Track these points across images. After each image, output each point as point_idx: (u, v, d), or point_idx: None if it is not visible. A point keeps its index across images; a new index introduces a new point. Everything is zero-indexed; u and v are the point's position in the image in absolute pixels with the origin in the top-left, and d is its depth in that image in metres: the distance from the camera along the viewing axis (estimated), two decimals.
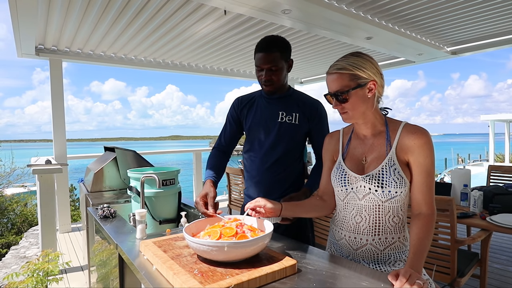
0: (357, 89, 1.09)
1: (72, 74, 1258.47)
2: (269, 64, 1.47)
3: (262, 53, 1.47)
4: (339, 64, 1.11)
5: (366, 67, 1.09)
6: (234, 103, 1.71)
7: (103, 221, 1.68)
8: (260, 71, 1.50)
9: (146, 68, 5.33)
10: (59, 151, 4.50)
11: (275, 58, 1.47)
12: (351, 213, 1.19)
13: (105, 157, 2.71)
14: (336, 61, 1.12)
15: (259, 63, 1.49)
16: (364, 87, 1.09)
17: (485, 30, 4.09)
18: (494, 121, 14.28)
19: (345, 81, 1.09)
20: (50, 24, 3.56)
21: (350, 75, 1.09)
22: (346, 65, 1.09)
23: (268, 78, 1.49)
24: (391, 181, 1.09)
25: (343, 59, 1.12)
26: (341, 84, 1.09)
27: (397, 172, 1.10)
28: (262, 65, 1.48)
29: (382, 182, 1.10)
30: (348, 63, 1.09)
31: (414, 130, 1.11)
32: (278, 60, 1.48)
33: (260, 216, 1.15)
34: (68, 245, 4.01)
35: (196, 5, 3.16)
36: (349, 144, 1.24)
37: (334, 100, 1.12)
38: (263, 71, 1.49)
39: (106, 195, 2.36)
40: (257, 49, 1.50)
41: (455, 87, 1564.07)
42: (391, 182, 1.09)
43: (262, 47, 1.48)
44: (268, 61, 1.47)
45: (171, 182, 1.93)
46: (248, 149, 1.65)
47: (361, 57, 1.10)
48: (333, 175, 1.24)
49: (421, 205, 1.11)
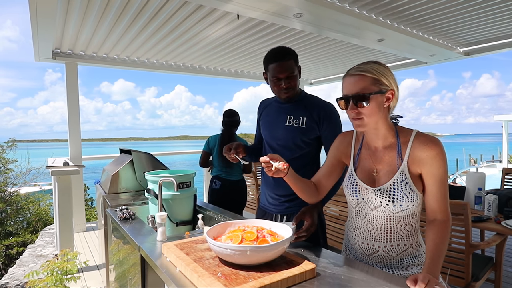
0: (377, 95, 1.07)
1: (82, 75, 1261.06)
2: (287, 72, 1.50)
3: (278, 63, 1.50)
4: (362, 67, 1.09)
5: (388, 74, 1.09)
6: (258, 107, 1.77)
7: (123, 223, 1.73)
8: (277, 81, 1.52)
9: (158, 70, 5.41)
10: (74, 152, 4.60)
11: (291, 65, 1.52)
12: (363, 221, 1.20)
13: (121, 159, 2.78)
14: (358, 65, 1.11)
15: (276, 73, 1.51)
16: (384, 95, 1.08)
17: (499, 30, 4.04)
18: (508, 121, 14.01)
19: (367, 84, 1.06)
20: (67, 29, 3.66)
21: (373, 79, 1.07)
22: (370, 69, 1.08)
23: (287, 86, 1.51)
24: (403, 196, 1.10)
25: (364, 64, 1.10)
26: (362, 86, 1.06)
27: (409, 186, 1.10)
28: (280, 74, 1.50)
29: (393, 197, 1.11)
30: (371, 67, 1.08)
31: (426, 141, 1.10)
32: (293, 67, 1.52)
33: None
34: (83, 244, 4.11)
35: (209, 9, 3.21)
36: (360, 154, 1.23)
37: (351, 103, 1.07)
38: (281, 81, 1.51)
39: (123, 197, 2.42)
40: (271, 60, 1.52)
41: (466, 86, 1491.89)
42: (402, 197, 1.10)
43: (277, 57, 1.51)
44: (286, 69, 1.50)
45: (188, 185, 1.98)
46: (263, 151, 1.70)
47: (382, 65, 1.10)
48: (345, 184, 1.25)
49: (436, 212, 1.12)
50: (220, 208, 2.06)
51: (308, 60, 5.39)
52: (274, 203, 1.61)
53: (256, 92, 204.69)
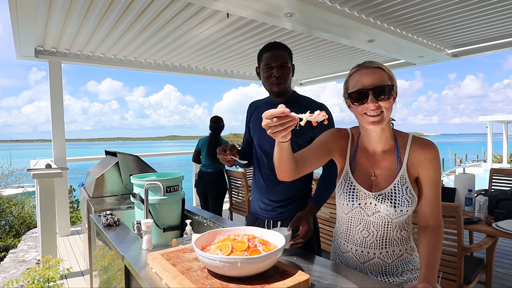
0: (393, 91, 1.02)
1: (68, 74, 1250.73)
2: (280, 60, 1.46)
3: (272, 51, 1.47)
4: (376, 62, 1.06)
5: (393, 73, 1.07)
6: (248, 108, 1.71)
7: (107, 229, 1.65)
8: (269, 69, 1.48)
9: (145, 70, 5.30)
10: (58, 153, 4.45)
11: (285, 56, 1.49)
12: (357, 228, 1.15)
13: (106, 162, 2.68)
14: (369, 61, 1.07)
15: (269, 61, 1.47)
16: (394, 93, 1.05)
17: (486, 32, 4.09)
18: (493, 122, 14.34)
19: (385, 78, 1.02)
20: (50, 26, 3.52)
21: (387, 74, 1.04)
22: (383, 65, 1.05)
23: (279, 74, 1.46)
24: (404, 200, 1.06)
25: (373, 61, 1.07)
26: (382, 79, 1.02)
27: (409, 190, 1.07)
28: (274, 62, 1.46)
29: (395, 202, 1.07)
30: (384, 66, 1.06)
31: (424, 144, 1.08)
32: (287, 59, 1.50)
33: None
34: (67, 249, 3.97)
35: (198, 8, 3.14)
36: (356, 156, 1.17)
37: (371, 96, 1.00)
38: (273, 69, 1.47)
39: (108, 201, 2.33)
40: (265, 49, 1.50)
41: (452, 87, 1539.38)
42: (403, 202, 1.06)
43: (272, 46, 1.49)
44: (279, 58, 1.47)
45: (175, 189, 1.91)
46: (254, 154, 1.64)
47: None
48: (339, 187, 1.18)
49: (429, 218, 1.10)
50: (210, 213, 2.00)
51: (299, 60, 5.37)
52: (266, 209, 1.55)
53: (246, 92, 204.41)
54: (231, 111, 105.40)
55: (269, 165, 1.50)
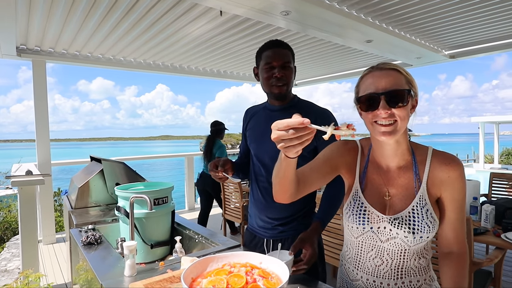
0: (410, 96, 0.88)
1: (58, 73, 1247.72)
2: (283, 59, 1.32)
3: (274, 49, 1.33)
4: (392, 64, 0.92)
5: (414, 79, 0.93)
6: (244, 116, 1.56)
7: (87, 248, 1.49)
8: (270, 69, 1.33)
9: (136, 69, 5.11)
10: (42, 157, 4.24)
11: (288, 55, 1.35)
12: (369, 254, 1.01)
13: (91, 169, 2.51)
14: (384, 62, 0.94)
15: (270, 59, 1.32)
16: (412, 101, 0.90)
17: (484, 34, 4.02)
18: (484, 123, 14.46)
19: (401, 81, 0.88)
20: (32, 24, 3.32)
21: (406, 78, 0.90)
22: (402, 68, 0.91)
23: (281, 75, 1.31)
24: (424, 225, 0.92)
25: (389, 63, 0.93)
26: (398, 82, 0.87)
27: (430, 213, 0.92)
28: (275, 61, 1.31)
29: (413, 227, 0.92)
30: (403, 68, 0.91)
31: (447, 160, 0.93)
32: (289, 58, 1.35)
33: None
34: (52, 258, 3.77)
35: (190, 5, 2.97)
36: (367, 172, 1.03)
37: (382, 102, 0.85)
38: (275, 69, 1.32)
39: (92, 212, 2.16)
40: (266, 47, 1.35)
41: (442, 88, 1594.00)
42: (424, 227, 0.92)
43: (273, 43, 1.35)
44: (281, 56, 1.32)
45: (164, 201, 1.75)
46: (251, 166, 1.48)
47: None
48: (348, 208, 1.04)
49: (452, 243, 0.95)
50: (202, 226, 1.84)
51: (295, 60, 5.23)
52: (266, 227, 1.40)
53: (239, 92, 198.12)
54: (224, 110, 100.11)
55: (268, 179, 1.35)
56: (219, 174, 1.31)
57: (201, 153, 4.54)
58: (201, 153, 4.56)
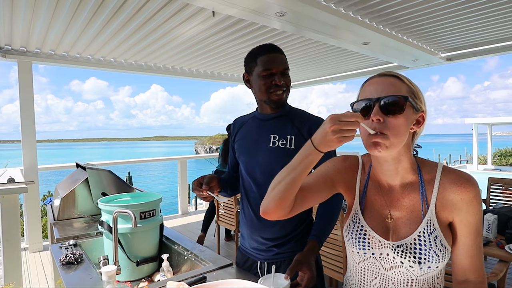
0: (411, 109, 0.80)
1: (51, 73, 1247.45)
2: (283, 65, 1.22)
3: (272, 54, 1.21)
4: (396, 72, 0.84)
5: (422, 93, 0.84)
6: (231, 126, 1.44)
7: (65, 268, 1.37)
8: (269, 76, 1.21)
9: (127, 71, 4.97)
10: (28, 162, 4.08)
11: (286, 61, 1.25)
12: (373, 282, 0.91)
13: (75, 177, 2.38)
14: (386, 71, 0.86)
15: (269, 65, 1.20)
16: (415, 115, 0.81)
17: (480, 36, 3.97)
18: (478, 124, 14.55)
19: (403, 90, 0.80)
20: (16, 23, 3.18)
21: (409, 88, 0.81)
22: (406, 77, 0.83)
23: (283, 82, 1.21)
24: (432, 254, 0.81)
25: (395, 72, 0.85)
26: (397, 90, 0.79)
27: (439, 241, 0.82)
28: (275, 68, 1.20)
29: (419, 257, 0.82)
30: (406, 77, 0.83)
31: (459, 179, 0.82)
32: (288, 66, 1.25)
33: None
34: (38, 267, 3.62)
35: (181, 5, 2.86)
36: (367, 191, 0.93)
37: (376, 108, 0.77)
38: (274, 76, 1.20)
39: (76, 225, 2.03)
40: (262, 52, 1.22)
41: (435, 89, 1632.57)
42: (432, 257, 0.81)
43: (271, 48, 1.23)
44: (282, 62, 1.22)
45: (151, 214, 1.63)
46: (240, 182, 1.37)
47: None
48: (347, 230, 0.94)
49: (469, 272, 0.85)
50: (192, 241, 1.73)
51: (289, 62, 5.13)
52: (259, 248, 1.27)
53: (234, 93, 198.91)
54: (218, 111, 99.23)
55: (261, 195, 1.24)
56: (204, 193, 1.20)
57: (195, 156, 4.82)
58: (195, 156, 4.83)
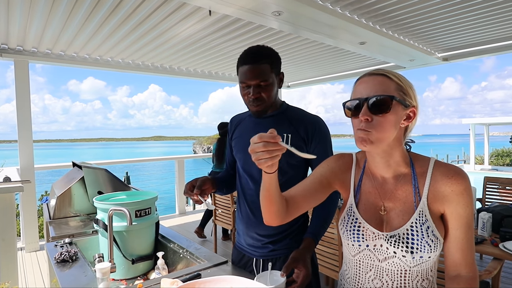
0: (400, 106, 0.82)
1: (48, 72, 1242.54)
2: (257, 78, 1.18)
3: (248, 66, 1.18)
4: (384, 69, 0.85)
5: (413, 88, 0.85)
6: (229, 124, 1.45)
7: (60, 266, 1.37)
8: (246, 88, 1.20)
9: (124, 70, 4.96)
10: (25, 161, 4.07)
11: (265, 71, 1.19)
12: (368, 275, 0.93)
13: (71, 176, 2.38)
14: (377, 68, 0.88)
15: (244, 78, 1.19)
16: (405, 110, 0.83)
17: (477, 37, 3.99)
18: (475, 124, 14.62)
19: (391, 88, 0.82)
20: (13, 22, 3.17)
21: (397, 85, 0.83)
22: (395, 73, 0.84)
23: (257, 96, 1.19)
24: (424, 244, 0.83)
25: (385, 69, 0.87)
26: (383, 89, 0.81)
27: (431, 231, 0.84)
28: (249, 81, 1.18)
29: (412, 246, 0.84)
30: (396, 73, 0.85)
31: (450, 173, 0.85)
32: (268, 74, 1.19)
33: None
34: (34, 267, 3.61)
35: (178, 4, 2.86)
36: (361, 185, 0.96)
37: (365, 107, 0.81)
38: (250, 88, 1.19)
39: (71, 223, 2.03)
40: (241, 61, 1.20)
41: (432, 89, 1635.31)
42: (423, 246, 0.83)
43: (248, 58, 1.19)
44: (256, 75, 1.18)
45: (147, 212, 1.63)
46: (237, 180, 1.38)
47: (405, 77, 0.86)
48: (342, 223, 0.97)
49: (460, 266, 0.87)
50: (187, 240, 1.73)
51: (286, 62, 5.15)
52: (255, 245, 1.28)
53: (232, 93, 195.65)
54: (217, 111, 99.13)
55: (256, 192, 1.25)
56: (195, 197, 1.19)
57: (193, 156, 4.82)
58: (193, 155, 4.83)
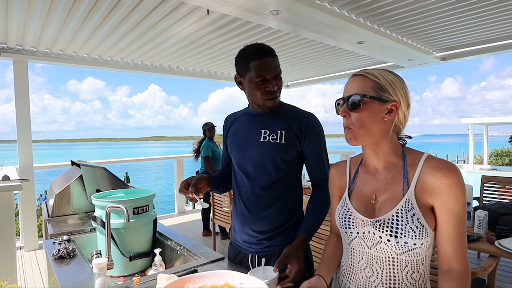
0: (374, 101, 0.88)
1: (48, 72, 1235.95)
2: (275, 71, 1.20)
3: (266, 59, 1.18)
4: (367, 69, 0.92)
5: (396, 85, 0.89)
6: (223, 123, 1.45)
7: (58, 263, 1.38)
8: (263, 82, 1.19)
9: (123, 70, 4.98)
10: (24, 160, 4.08)
11: (278, 64, 1.23)
12: (360, 263, 0.96)
13: (70, 174, 2.39)
14: (365, 69, 0.95)
15: (263, 71, 1.17)
16: (384, 105, 0.88)
17: (475, 36, 4.00)
18: (474, 124, 14.64)
19: (366, 86, 0.89)
20: (11, 21, 3.18)
21: (374, 83, 0.89)
22: (375, 72, 0.90)
23: (276, 88, 1.21)
24: (408, 230, 0.86)
25: (372, 68, 0.94)
26: (360, 87, 0.90)
27: (416, 219, 0.86)
28: (269, 73, 1.18)
29: (396, 231, 0.87)
30: (378, 72, 0.91)
31: (440, 166, 0.87)
32: (279, 67, 1.24)
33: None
34: (33, 266, 3.62)
35: (176, 3, 2.88)
36: (356, 178, 1.02)
37: (344, 106, 0.91)
38: (268, 82, 1.19)
39: (70, 221, 2.04)
40: (254, 56, 1.19)
41: (432, 89, 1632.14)
42: (407, 232, 0.86)
43: (261, 52, 1.19)
44: (275, 67, 1.20)
45: (144, 210, 1.65)
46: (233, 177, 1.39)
47: (394, 74, 0.92)
48: (337, 213, 1.02)
49: (452, 259, 0.88)
50: (185, 237, 1.74)
51: (285, 62, 5.17)
52: (251, 241, 1.29)
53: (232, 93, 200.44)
54: (216, 111, 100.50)
55: (252, 189, 1.26)
56: (190, 195, 1.19)
57: (192, 155, 4.79)
58: (192, 155, 4.79)
